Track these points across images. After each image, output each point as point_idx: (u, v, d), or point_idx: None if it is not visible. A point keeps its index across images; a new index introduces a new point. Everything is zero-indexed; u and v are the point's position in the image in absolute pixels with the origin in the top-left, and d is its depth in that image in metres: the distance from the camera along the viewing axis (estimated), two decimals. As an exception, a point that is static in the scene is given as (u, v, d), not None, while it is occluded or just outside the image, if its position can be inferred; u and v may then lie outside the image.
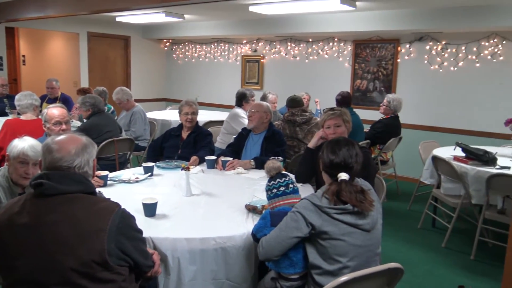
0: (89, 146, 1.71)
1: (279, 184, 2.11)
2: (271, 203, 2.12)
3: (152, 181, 3.03)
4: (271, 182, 2.13)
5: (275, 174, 2.14)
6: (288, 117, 4.28)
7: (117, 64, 8.59)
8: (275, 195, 2.11)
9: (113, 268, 1.52)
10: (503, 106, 5.34)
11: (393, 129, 5.22)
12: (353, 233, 1.86)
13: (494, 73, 5.51)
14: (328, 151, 2.01)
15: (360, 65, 6.57)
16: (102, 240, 1.48)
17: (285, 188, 2.10)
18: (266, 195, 2.16)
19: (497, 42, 5.42)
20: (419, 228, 4.46)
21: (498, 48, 5.43)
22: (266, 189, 2.15)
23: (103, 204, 1.58)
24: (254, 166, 3.42)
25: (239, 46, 8.02)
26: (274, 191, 2.11)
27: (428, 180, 4.37)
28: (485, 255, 3.83)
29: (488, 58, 5.52)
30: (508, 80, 5.41)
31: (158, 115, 6.39)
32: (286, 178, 2.13)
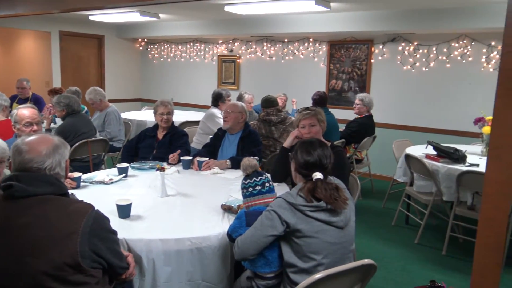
0: (61, 147, 1.68)
1: (255, 183, 2.11)
2: (247, 202, 2.13)
3: (127, 182, 2.99)
4: (247, 181, 2.13)
5: (251, 172, 2.14)
6: (264, 117, 4.30)
7: (90, 64, 8.44)
8: (251, 194, 2.11)
9: (86, 271, 1.50)
10: (472, 106, 5.50)
11: (368, 128, 5.30)
12: (327, 230, 1.88)
13: (463, 74, 5.67)
14: (303, 152, 2.03)
15: (335, 65, 6.65)
16: (75, 243, 1.46)
17: (261, 188, 2.11)
18: (242, 192, 2.16)
19: (466, 43, 5.59)
20: (393, 225, 4.54)
21: (467, 49, 5.59)
22: (242, 187, 2.15)
23: (76, 206, 1.55)
24: (230, 166, 3.43)
25: (215, 46, 8.00)
26: (250, 189, 2.12)
27: (402, 178, 4.46)
28: (456, 250, 3.94)
29: (458, 59, 5.68)
30: (476, 80, 5.58)
31: (133, 116, 6.31)
32: (262, 177, 2.14)
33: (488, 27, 4.92)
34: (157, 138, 3.83)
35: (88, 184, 2.88)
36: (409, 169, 4.26)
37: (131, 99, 9.16)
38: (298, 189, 1.94)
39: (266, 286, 1.98)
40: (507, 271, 3.57)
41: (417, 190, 4.16)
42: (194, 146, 4.79)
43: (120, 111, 5.70)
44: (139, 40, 9.02)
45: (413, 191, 4.23)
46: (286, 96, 6.22)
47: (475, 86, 5.59)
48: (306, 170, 2.00)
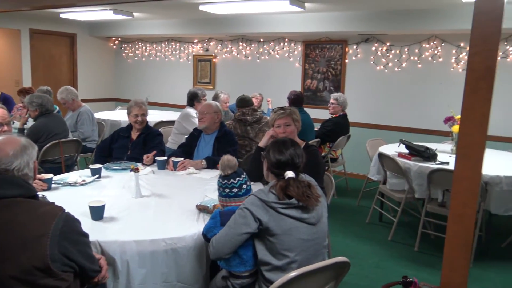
0: (29, 148, 1.63)
1: (232, 184, 2.10)
2: (222, 201, 2.12)
3: (100, 184, 2.94)
4: (225, 181, 2.11)
5: (230, 174, 2.12)
6: (239, 117, 4.30)
7: (62, 63, 8.24)
8: (227, 195, 2.11)
9: (57, 274, 1.46)
10: (443, 105, 5.64)
11: (342, 127, 5.36)
12: (299, 227, 1.90)
13: (434, 74, 5.81)
14: (275, 151, 2.05)
15: (310, 65, 6.70)
16: (44, 246, 1.42)
17: (237, 190, 2.10)
18: (218, 190, 2.15)
19: (437, 44, 5.72)
20: (367, 222, 4.61)
21: (437, 50, 5.73)
22: (219, 185, 2.14)
23: (46, 208, 1.51)
24: (206, 166, 3.41)
25: (191, 45, 7.95)
26: (226, 190, 2.11)
27: (375, 176, 4.53)
28: (428, 246, 4.03)
29: (428, 59, 5.81)
30: (446, 80, 5.72)
31: (107, 116, 6.21)
32: (240, 178, 2.12)
33: (457, 29, 5.05)
34: (131, 138, 3.77)
35: (60, 185, 2.81)
36: (382, 167, 4.33)
37: (105, 99, 9.00)
38: (270, 186, 1.95)
39: (241, 285, 1.98)
40: (476, 265, 3.68)
41: (390, 188, 4.24)
42: (169, 146, 4.74)
43: (93, 111, 5.60)
44: (113, 39, 8.87)
45: (386, 189, 4.30)
46: (261, 96, 6.24)
47: (445, 86, 5.74)
48: (278, 169, 2.02)
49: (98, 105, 8.56)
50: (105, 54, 8.90)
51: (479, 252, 3.86)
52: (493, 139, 5.35)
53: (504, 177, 3.57)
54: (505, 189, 3.56)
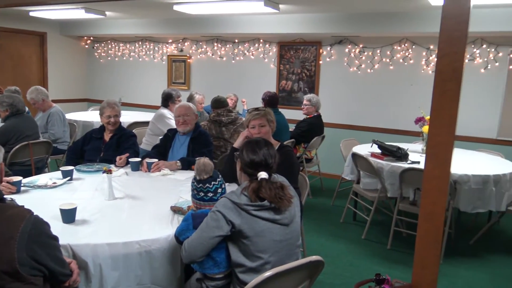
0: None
1: (207, 189, 2.07)
2: (195, 203, 2.11)
3: (72, 186, 2.87)
4: (200, 185, 2.08)
5: (206, 178, 2.09)
6: (214, 118, 4.28)
7: (32, 62, 8.02)
8: (202, 198, 2.09)
9: (26, 279, 1.42)
10: (414, 106, 5.77)
11: (317, 128, 5.41)
12: (272, 228, 1.90)
13: (405, 75, 5.94)
14: (248, 151, 2.04)
15: (285, 66, 6.74)
16: (11, 249, 1.38)
17: (212, 195, 2.08)
18: (192, 192, 2.13)
19: (408, 46, 5.85)
20: (341, 222, 4.67)
21: (408, 52, 5.86)
22: (193, 187, 2.11)
23: (13, 211, 1.47)
24: (180, 167, 3.38)
25: (165, 46, 7.87)
26: (201, 194, 2.08)
27: (349, 176, 4.58)
28: (400, 244, 4.11)
29: (400, 61, 5.94)
30: (417, 82, 5.85)
31: (79, 116, 6.07)
32: (215, 182, 2.09)
33: (427, 32, 5.18)
34: (104, 140, 3.70)
35: (29, 188, 2.73)
36: (356, 167, 4.39)
37: (77, 99, 8.81)
38: (242, 188, 1.95)
39: (216, 287, 1.97)
40: (446, 262, 3.77)
41: (364, 187, 4.30)
42: (143, 148, 4.68)
43: (65, 112, 5.47)
44: (85, 38, 8.69)
45: (360, 188, 4.36)
46: (236, 97, 6.23)
47: (416, 88, 5.87)
48: (252, 169, 2.01)
49: (70, 105, 8.38)
50: (77, 53, 8.71)
51: (449, 249, 3.96)
52: (461, 139, 5.51)
53: (472, 175, 3.67)
54: (473, 187, 3.67)
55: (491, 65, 5.39)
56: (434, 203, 1.61)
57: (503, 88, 5.35)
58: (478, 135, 5.55)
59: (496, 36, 5.25)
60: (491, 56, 5.38)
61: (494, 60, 5.37)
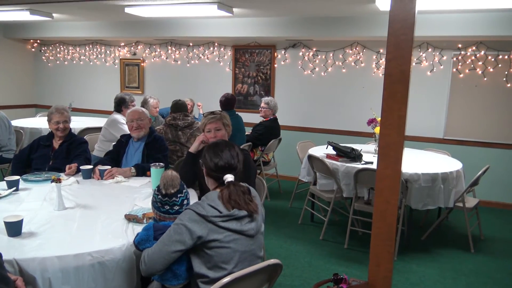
0: None
1: (173, 202, 2.00)
2: (159, 215, 2.03)
3: (18, 197, 2.72)
4: (165, 198, 1.99)
5: (173, 193, 2.00)
6: (170, 121, 4.21)
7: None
8: (167, 212, 2.00)
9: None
10: (366, 108, 5.94)
11: (273, 130, 5.45)
12: (238, 239, 1.87)
13: (357, 78, 6.10)
14: (211, 155, 2.02)
15: (240, 69, 6.75)
16: None
17: (178, 208, 2.00)
18: (154, 204, 2.03)
19: (359, 50, 6.02)
20: (299, 223, 4.71)
21: (360, 56, 6.03)
22: (157, 200, 2.01)
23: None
24: (135, 174, 3.29)
25: (117, 49, 7.66)
26: (166, 207, 2.00)
27: (306, 178, 4.64)
28: (356, 243, 4.20)
29: (352, 64, 6.09)
30: (368, 85, 6.03)
31: (26, 123, 5.79)
32: (181, 195, 2.02)
33: (377, 36, 5.35)
34: (53, 147, 3.54)
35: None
36: (312, 169, 4.45)
37: (24, 105, 8.39)
38: (210, 199, 1.90)
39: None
40: (399, 258, 3.90)
41: (320, 188, 4.36)
42: (96, 154, 4.53)
43: (10, 118, 5.20)
44: (31, 41, 8.30)
45: (317, 189, 4.42)
46: (192, 102, 6.16)
47: (368, 90, 6.05)
48: (217, 173, 1.99)
49: (16, 111, 7.96)
50: (23, 57, 8.31)
51: (402, 246, 4.10)
52: (411, 139, 5.73)
53: (421, 174, 3.82)
54: (423, 185, 3.82)
55: (437, 68, 5.65)
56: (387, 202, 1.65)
57: (448, 89, 5.61)
58: (426, 134, 5.79)
59: (441, 40, 5.51)
60: (436, 60, 5.64)
61: (439, 63, 5.63)
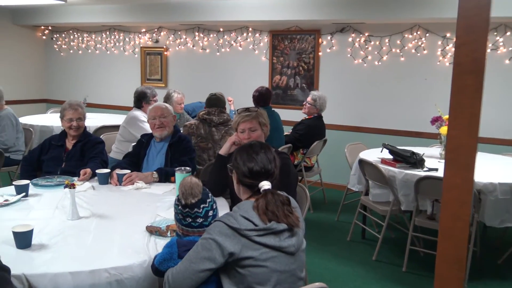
0: None
1: (196, 214, 2.02)
2: (182, 230, 2.06)
3: (27, 203, 2.84)
4: (186, 210, 2.02)
5: (194, 202, 2.02)
6: (204, 116, 4.30)
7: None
8: (189, 225, 2.03)
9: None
10: (429, 103, 5.80)
11: (317, 130, 5.43)
12: (276, 257, 1.87)
13: (418, 68, 5.98)
14: (244, 158, 2.03)
15: (279, 58, 6.76)
16: None
17: (203, 220, 2.02)
18: (176, 216, 2.07)
19: (421, 34, 5.90)
20: (348, 240, 4.67)
21: (421, 41, 5.91)
22: (178, 211, 2.05)
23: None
24: (157, 179, 3.37)
25: (137, 36, 7.85)
26: (188, 220, 2.03)
27: (356, 187, 4.60)
28: (417, 265, 4.12)
29: (412, 51, 5.98)
30: (432, 75, 5.90)
31: (36, 120, 6.04)
32: (205, 205, 2.04)
33: (443, 17, 5.22)
34: (65, 148, 3.68)
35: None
36: (363, 176, 4.40)
37: (34, 100, 8.75)
38: (243, 210, 1.92)
39: (201, 322, 1.95)
40: (471, 285, 3.79)
41: (373, 199, 4.30)
42: (113, 156, 4.66)
43: (19, 115, 5.44)
44: (42, 28, 8.64)
45: (369, 201, 4.37)
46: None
47: (431, 82, 5.92)
48: (251, 180, 2.01)
49: (25, 107, 8.30)
50: (33, 46, 8.66)
51: (474, 270, 3.98)
52: (485, 142, 5.55)
53: (498, 184, 3.69)
54: (500, 197, 3.69)
55: (518, 54, 5.46)
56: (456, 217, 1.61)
57: (532, 81, 5.41)
58: (504, 136, 5.60)
59: (523, 21, 5.32)
60: (518, 45, 5.45)
61: (521, 49, 5.45)
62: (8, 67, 8.27)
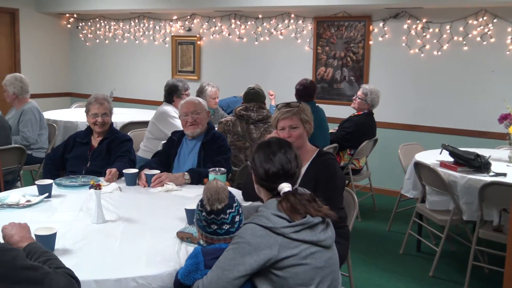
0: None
1: (222, 220, 2.03)
2: (206, 237, 2.07)
3: (50, 205, 2.92)
4: (211, 216, 2.03)
5: (219, 209, 2.03)
6: (241, 112, 4.31)
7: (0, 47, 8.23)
8: (215, 232, 2.04)
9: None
10: (496, 99, 5.64)
11: (367, 128, 5.38)
12: (315, 253, 1.90)
13: (484, 59, 5.83)
14: (261, 159, 2.06)
15: (324, 48, 6.72)
16: None
17: (229, 226, 2.03)
18: (199, 222, 2.09)
19: (487, 20, 5.75)
20: (401, 253, 4.61)
21: (488, 28, 5.76)
22: (202, 218, 2.06)
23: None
24: (189, 181, 3.40)
25: (168, 24, 7.96)
26: (213, 227, 2.04)
27: (411, 193, 4.53)
28: (481, 284, 4.03)
29: (477, 40, 5.84)
30: (500, 67, 5.74)
31: (59, 115, 6.21)
32: (231, 210, 2.05)
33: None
34: (91, 145, 3.77)
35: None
36: (419, 180, 4.34)
37: (57, 94, 9.00)
38: (271, 208, 1.95)
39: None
40: (544, 308, 3.66)
41: (431, 207, 4.24)
42: (141, 155, 4.73)
43: (42, 110, 5.58)
44: (67, 16, 8.88)
45: (426, 209, 4.30)
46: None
47: (500, 74, 5.76)
48: (269, 182, 2.03)
49: (49, 101, 8.54)
50: (57, 35, 8.90)
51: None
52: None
53: None
54: None
55: None
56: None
57: None
58: None
59: None
60: None
61: None
62: (31, 58, 8.53)
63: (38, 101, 5.84)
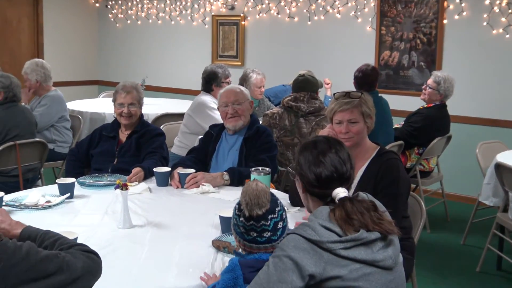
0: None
1: (262, 227, 2.02)
2: (245, 246, 2.07)
3: (72, 206, 2.98)
4: (251, 222, 2.02)
5: (259, 215, 2.02)
6: (289, 102, 4.31)
7: (22, 30, 8.49)
8: (254, 240, 2.03)
9: None
10: None
11: (439, 123, 5.30)
12: (371, 274, 1.85)
13: None
14: (309, 162, 2.02)
15: (389, 28, 6.64)
16: None
17: (271, 234, 2.02)
18: (235, 229, 2.08)
19: None
20: (478, 271, 4.54)
21: None
22: (240, 224, 2.05)
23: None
24: (228, 182, 3.41)
25: (208, 2, 8.01)
26: (253, 234, 2.03)
27: (490, 200, 4.47)
28: None
29: None
30: None
31: (85, 106, 6.35)
32: (274, 215, 2.03)
33: None
34: (119, 140, 3.83)
35: (14, 209, 2.86)
36: (502, 186, 4.25)
37: (83, 81, 9.21)
38: (321, 218, 1.90)
39: None
40: None
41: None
42: (174, 152, 4.78)
43: (66, 99, 5.71)
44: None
45: (509, 220, 4.22)
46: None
47: None
48: (321, 189, 2.00)
49: (74, 90, 8.75)
50: (84, 16, 9.11)
51: None
52: None
53: None
54: None
55: None
56: None
57: None
58: None
59: None
60: None
61: None
62: (55, 42, 8.74)
63: (62, 89, 5.99)
